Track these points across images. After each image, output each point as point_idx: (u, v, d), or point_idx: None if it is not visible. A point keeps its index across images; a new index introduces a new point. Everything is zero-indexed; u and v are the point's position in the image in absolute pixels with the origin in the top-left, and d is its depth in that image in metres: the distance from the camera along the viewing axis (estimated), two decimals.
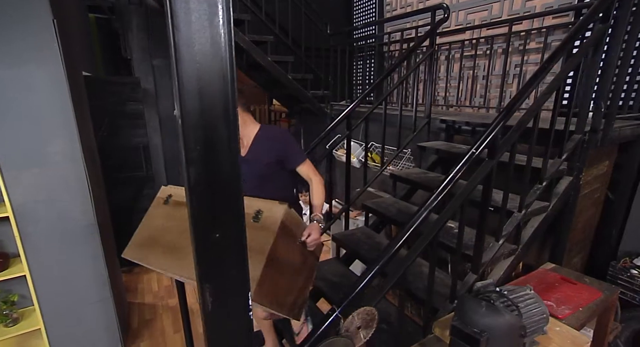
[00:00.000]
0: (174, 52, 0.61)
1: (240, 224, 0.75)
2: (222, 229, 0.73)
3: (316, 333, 1.04)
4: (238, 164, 0.71)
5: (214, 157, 0.68)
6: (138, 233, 1.71)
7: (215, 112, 0.66)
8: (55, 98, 1.94)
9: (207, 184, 0.69)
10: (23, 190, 1.96)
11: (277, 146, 1.61)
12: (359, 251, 2.05)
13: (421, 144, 2.51)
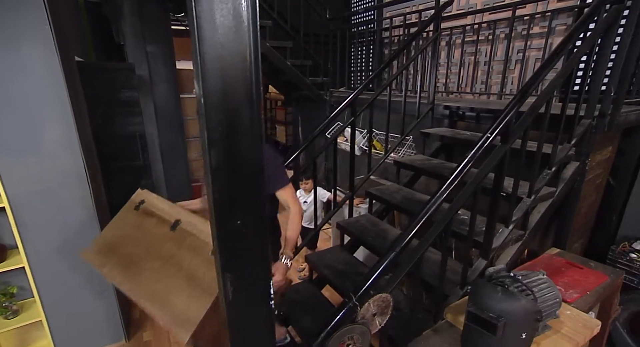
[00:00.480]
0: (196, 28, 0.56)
1: (262, 211, 0.72)
2: (243, 216, 0.70)
3: (333, 321, 1.02)
4: (261, 148, 0.68)
5: (236, 140, 0.65)
6: (102, 236, 1.60)
7: (238, 93, 0.62)
8: (49, 83, 1.86)
9: (228, 168, 0.66)
10: (18, 179, 1.90)
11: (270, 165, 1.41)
12: (364, 239, 2.04)
13: (425, 130, 2.48)
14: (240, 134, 0.63)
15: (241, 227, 0.70)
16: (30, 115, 1.86)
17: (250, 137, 0.64)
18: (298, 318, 1.93)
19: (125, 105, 3.14)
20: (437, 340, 1.24)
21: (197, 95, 0.60)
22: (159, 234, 1.35)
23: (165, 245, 1.29)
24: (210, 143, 0.61)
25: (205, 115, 0.59)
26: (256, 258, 0.74)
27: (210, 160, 0.62)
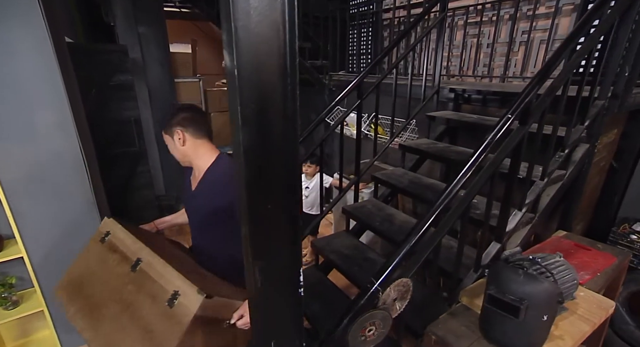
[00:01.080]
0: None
1: (295, 196, 0.68)
2: (275, 201, 0.66)
3: (356, 307, 1.00)
4: (296, 128, 0.63)
5: (270, 118, 0.60)
6: (70, 271, 1.49)
7: (272, 65, 0.57)
8: (42, 65, 1.76)
9: (260, 149, 0.61)
10: (13, 167, 1.82)
11: (230, 189, 1.24)
12: (371, 224, 2.02)
13: (430, 113, 2.44)
14: (274, 111, 0.59)
15: (272, 213, 0.66)
16: (23, 99, 1.76)
17: (285, 115, 0.60)
18: (306, 304, 1.91)
19: (119, 89, 3.02)
20: (454, 323, 1.24)
21: (229, 67, 0.55)
22: (120, 273, 1.26)
23: (126, 287, 1.21)
24: (243, 119, 0.56)
25: (239, 89, 0.54)
26: (286, 246, 0.71)
27: (242, 140, 0.57)
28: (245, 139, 0.57)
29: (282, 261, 0.71)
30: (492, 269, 1.19)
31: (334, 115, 3.84)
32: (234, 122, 0.58)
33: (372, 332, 1.06)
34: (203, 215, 1.36)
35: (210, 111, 5.05)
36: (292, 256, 0.71)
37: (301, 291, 0.77)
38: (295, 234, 0.70)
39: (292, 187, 0.65)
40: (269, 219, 0.66)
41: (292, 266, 0.72)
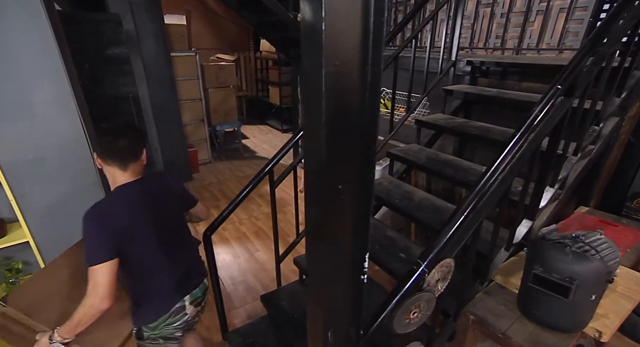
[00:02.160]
0: None
1: (370, 177, 0.60)
2: (347, 180, 0.58)
3: (403, 289, 0.96)
4: (377, 99, 0.55)
5: (350, 86, 0.51)
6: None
7: (355, 23, 0.48)
8: (35, 34, 1.61)
9: (337, 118, 0.52)
10: (11, 146, 1.70)
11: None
12: (391, 201, 1.97)
13: (447, 87, 2.35)
14: (357, 76, 0.50)
15: (342, 193, 0.58)
16: (18, 74, 1.62)
17: (367, 81, 0.51)
18: None
19: (114, 63, 2.85)
20: (491, 302, 1.21)
21: (311, 21, 0.45)
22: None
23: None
24: (327, 89, 0.47)
25: (325, 47, 0.45)
26: (359, 226, 0.64)
27: (325, 109, 0.48)
28: (327, 108, 0.49)
29: (350, 244, 0.64)
30: (533, 247, 1.15)
31: None
32: (313, 90, 0.49)
33: (416, 314, 1.02)
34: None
35: (208, 87, 4.86)
36: (361, 237, 0.65)
37: (364, 277, 0.71)
38: (368, 212, 0.63)
39: (368, 166, 0.58)
40: (338, 199, 0.58)
41: (360, 249, 0.66)
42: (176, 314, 1.37)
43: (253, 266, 2.87)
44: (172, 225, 1.40)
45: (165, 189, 1.41)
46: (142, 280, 1.33)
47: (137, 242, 1.25)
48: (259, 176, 1.72)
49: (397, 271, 1.70)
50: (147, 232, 1.28)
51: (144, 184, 1.33)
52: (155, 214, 1.31)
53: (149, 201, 1.31)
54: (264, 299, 2.02)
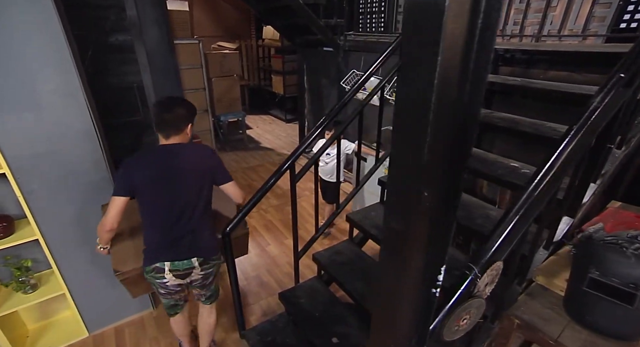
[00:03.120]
0: None
1: (459, 182, 0.52)
2: (432, 187, 0.50)
3: (455, 296, 0.89)
4: (480, 95, 0.46)
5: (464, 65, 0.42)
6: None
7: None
8: (40, 19, 1.49)
9: (443, 117, 0.44)
10: (18, 140, 1.60)
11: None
12: None
13: None
14: (458, 71, 0.41)
15: (427, 201, 0.50)
16: (23, 62, 1.51)
17: (468, 75, 0.42)
18: (348, 280, 1.83)
19: (118, 51, 2.72)
20: (536, 305, 1.15)
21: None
22: None
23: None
24: (440, 82, 0.39)
25: (445, 31, 0.36)
26: (435, 240, 0.56)
27: (435, 106, 0.40)
28: (438, 102, 0.40)
29: (427, 255, 0.57)
30: (583, 248, 1.08)
31: (348, 80, 3.60)
32: (419, 81, 0.40)
33: (465, 321, 0.96)
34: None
35: (211, 76, 4.72)
36: (441, 248, 0.57)
37: (436, 291, 0.64)
38: (452, 221, 0.55)
39: (462, 167, 0.49)
40: (421, 207, 0.51)
41: (437, 261, 0.58)
42: (156, 272, 1.50)
43: (265, 261, 2.81)
44: (184, 194, 1.49)
45: (194, 163, 1.51)
46: (144, 229, 1.53)
47: (144, 195, 1.45)
48: (280, 171, 1.64)
49: None
50: (155, 190, 1.46)
51: (175, 152, 1.48)
52: (171, 179, 1.46)
53: (168, 168, 1.46)
54: (283, 297, 1.96)
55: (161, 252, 1.48)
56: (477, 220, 1.65)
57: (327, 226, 2.06)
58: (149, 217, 1.50)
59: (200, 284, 1.65)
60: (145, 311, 2.31)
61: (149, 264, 1.49)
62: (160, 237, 1.49)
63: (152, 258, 1.49)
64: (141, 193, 1.45)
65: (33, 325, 2.16)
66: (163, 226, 1.48)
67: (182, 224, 1.49)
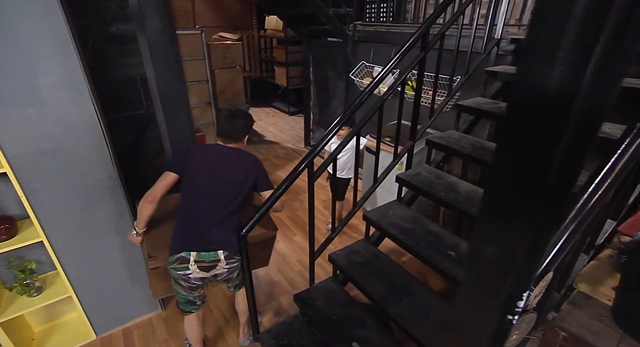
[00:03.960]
0: None
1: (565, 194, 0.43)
2: (544, 209, 0.41)
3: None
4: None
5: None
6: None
7: None
8: (39, 6, 1.38)
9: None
10: (19, 137, 1.50)
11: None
12: (435, 193, 1.81)
13: (490, 68, 2.15)
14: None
15: (533, 224, 0.42)
16: (20, 53, 1.40)
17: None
18: (367, 282, 1.76)
19: (120, 42, 2.60)
20: (582, 316, 1.08)
21: None
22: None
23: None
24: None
25: None
26: (528, 262, 0.47)
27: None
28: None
29: (520, 278, 0.48)
30: (637, 255, 1.00)
31: (357, 71, 3.49)
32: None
33: (515, 337, 0.88)
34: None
35: (214, 68, 4.59)
36: (529, 271, 0.48)
37: (513, 318, 0.55)
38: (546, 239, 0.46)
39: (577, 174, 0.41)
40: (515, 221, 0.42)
41: (525, 284, 0.50)
42: (180, 263, 1.51)
43: (275, 259, 2.74)
44: (224, 189, 1.58)
45: (241, 167, 1.64)
46: (177, 217, 1.60)
47: (189, 178, 1.58)
48: (299, 170, 1.55)
49: (448, 272, 1.57)
50: (200, 178, 1.58)
51: (229, 153, 1.65)
52: (215, 175, 1.59)
53: (220, 163, 1.61)
54: (298, 299, 1.88)
55: (189, 241, 1.52)
56: None
57: (344, 226, 1.98)
58: (187, 203, 1.58)
59: (225, 278, 1.67)
60: (154, 312, 2.25)
61: (175, 253, 1.51)
62: (191, 226, 1.54)
63: (178, 247, 1.52)
64: (188, 176, 1.58)
65: (39, 327, 2.09)
66: (195, 217, 1.55)
67: (215, 217, 1.55)
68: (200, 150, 1.66)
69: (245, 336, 2.08)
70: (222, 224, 1.55)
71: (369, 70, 3.43)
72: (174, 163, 1.60)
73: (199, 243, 1.51)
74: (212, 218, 1.55)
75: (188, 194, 1.58)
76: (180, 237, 1.54)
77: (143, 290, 2.12)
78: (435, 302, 1.64)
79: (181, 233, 1.55)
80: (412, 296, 1.68)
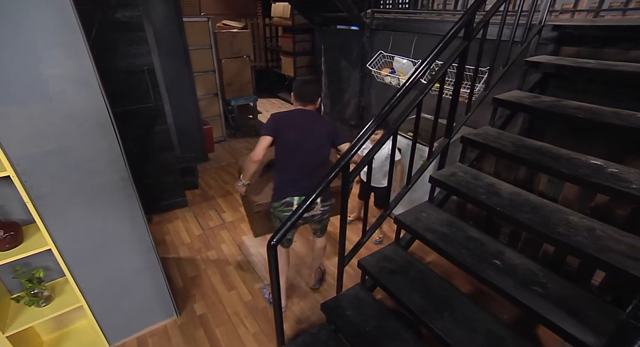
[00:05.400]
0: None
1: None
2: None
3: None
4: None
5: None
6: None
7: None
8: None
9: None
10: (23, 136, 1.35)
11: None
12: (476, 196, 1.67)
13: (531, 59, 1.98)
14: None
15: None
16: (24, 42, 1.24)
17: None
18: (403, 292, 1.63)
19: (125, 29, 2.41)
20: None
21: None
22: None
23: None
24: None
25: None
26: None
27: None
28: None
29: None
30: None
31: (375, 62, 3.31)
32: None
33: None
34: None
35: (221, 57, 4.39)
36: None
37: None
38: None
39: None
40: None
41: None
42: (285, 206, 1.91)
43: (293, 260, 2.61)
44: (307, 148, 1.87)
45: (320, 126, 1.91)
46: (278, 171, 1.95)
47: (282, 139, 1.85)
48: (333, 173, 1.40)
49: (495, 283, 1.43)
50: (291, 137, 1.85)
51: (308, 115, 1.91)
52: (302, 131, 1.86)
53: (303, 124, 1.88)
54: (326, 308, 1.76)
55: (291, 188, 1.89)
56: (558, 228, 1.43)
57: (376, 228, 1.84)
58: (282, 159, 1.89)
59: (318, 219, 2.02)
60: (169, 319, 2.13)
61: (280, 199, 1.90)
62: (291, 177, 1.89)
63: (282, 194, 1.90)
64: (280, 137, 1.84)
65: (48, 336, 1.97)
66: (293, 168, 1.88)
67: (308, 168, 1.88)
68: (286, 116, 1.90)
69: (316, 279, 2.38)
70: (313, 173, 1.88)
71: (388, 60, 3.25)
72: (267, 129, 1.85)
73: (299, 189, 1.87)
74: (305, 169, 1.88)
75: (283, 152, 1.87)
76: (283, 186, 1.90)
77: (155, 296, 2.00)
78: (481, 316, 1.51)
79: (282, 183, 1.91)
80: (453, 308, 1.55)
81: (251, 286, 2.38)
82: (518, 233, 2.28)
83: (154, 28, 3.18)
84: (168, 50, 3.36)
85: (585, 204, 1.81)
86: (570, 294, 1.35)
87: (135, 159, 2.84)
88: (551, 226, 1.44)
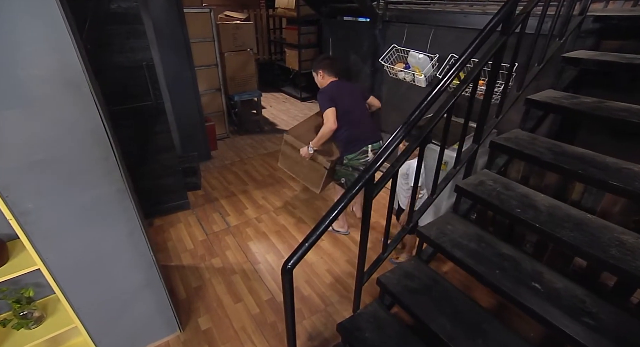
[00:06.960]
0: None
1: None
2: None
3: None
4: None
5: None
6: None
7: None
8: None
9: None
10: (5, 146, 1.18)
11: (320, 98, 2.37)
12: (509, 210, 1.50)
13: (570, 54, 1.79)
14: None
15: None
16: (1, 36, 1.06)
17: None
18: (429, 316, 1.47)
19: (122, 22, 2.22)
20: None
21: None
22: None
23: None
24: None
25: None
26: None
27: None
28: None
29: None
30: None
31: (388, 56, 3.11)
32: None
33: None
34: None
35: (224, 51, 4.18)
36: None
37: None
38: None
39: None
40: None
41: None
42: (362, 154, 2.36)
43: (302, 269, 2.47)
44: (357, 106, 2.38)
45: (356, 89, 2.47)
46: (345, 130, 2.31)
47: (339, 105, 2.27)
48: (358, 186, 1.23)
49: (536, 310, 1.28)
50: (345, 101, 2.30)
51: (344, 83, 2.46)
52: (348, 95, 2.35)
53: (347, 91, 2.38)
54: (342, 330, 1.61)
55: (364, 139, 2.35)
56: (610, 250, 1.26)
57: (399, 242, 1.68)
58: (345, 120, 2.28)
59: (364, 163, 2.41)
60: (172, 335, 1.99)
61: (357, 149, 2.34)
62: (359, 131, 2.33)
63: (359, 145, 2.34)
64: (338, 104, 2.25)
65: None
66: (357, 124, 2.32)
67: (365, 122, 2.38)
68: (332, 89, 2.34)
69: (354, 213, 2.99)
70: (368, 123, 2.39)
71: (401, 55, 3.05)
72: (329, 101, 2.25)
73: (368, 139, 2.35)
74: (364, 122, 2.36)
75: (345, 115, 2.27)
76: (355, 139, 2.33)
77: (157, 312, 1.85)
78: (517, 344, 1.36)
79: (354, 137, 2.33)
80: (485, 334, 1.40)
81: (258, 298, 2.24)
82: (544, 242, 2.12)
83: (153, 20, 2.98)
84: (168, 43, 3.17)
85: (629, 217, 1.64)
86: (626, 328, 1.19)
87: (135, 161, 2.69)
88: (602, 247, 1.28)
